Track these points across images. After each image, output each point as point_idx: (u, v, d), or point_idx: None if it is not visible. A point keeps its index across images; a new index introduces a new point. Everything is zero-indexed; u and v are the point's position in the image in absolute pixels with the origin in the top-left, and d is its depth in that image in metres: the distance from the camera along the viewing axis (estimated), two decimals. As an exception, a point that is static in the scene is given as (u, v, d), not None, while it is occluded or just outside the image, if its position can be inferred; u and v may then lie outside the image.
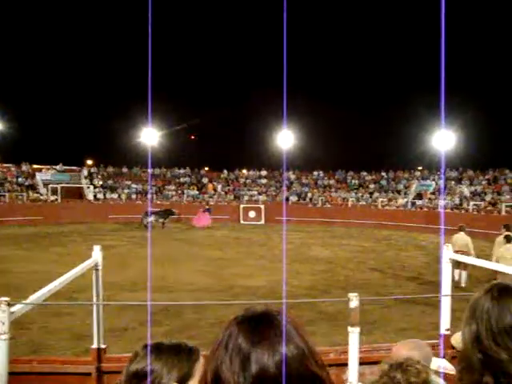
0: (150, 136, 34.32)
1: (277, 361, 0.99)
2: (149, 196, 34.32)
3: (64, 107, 41.68)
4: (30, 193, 32.13)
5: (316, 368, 1.04)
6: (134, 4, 30.78)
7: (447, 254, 4.57)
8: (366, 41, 42.33)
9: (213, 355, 1.06)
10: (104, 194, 34.45)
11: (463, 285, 12.61)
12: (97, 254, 3.97)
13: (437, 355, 4.43)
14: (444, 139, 30.12)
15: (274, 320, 1.05)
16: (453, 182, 32.45)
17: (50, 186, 32.74)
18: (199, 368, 1.48)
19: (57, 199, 32.10)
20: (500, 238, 11.98)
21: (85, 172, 35.92)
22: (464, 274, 12.72)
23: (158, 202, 32.79)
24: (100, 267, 3.96)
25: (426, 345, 2.53)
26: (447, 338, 4.42)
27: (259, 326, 1.04)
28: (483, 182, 31.75)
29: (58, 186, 32.64)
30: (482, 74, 37.80)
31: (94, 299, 3.91)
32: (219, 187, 36.61)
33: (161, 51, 35.33)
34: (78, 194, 34.02)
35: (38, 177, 33.63)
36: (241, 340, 1.02)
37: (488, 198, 29.86)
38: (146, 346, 1.50)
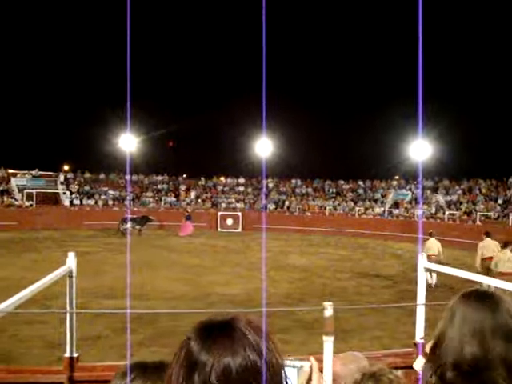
0: (127, 142, 34.08)
1: (218, 372, 0.94)
2: (127, 202, 34.05)
3: (41, 111, 41.18)
4: (5, 198, 31.61)
5: (270, 378, 0.98)
6: (112, 10, 30.61)
7: (422, 262, 4.61)
8: (344, 50, 42.73)
9: (170, 364, 1.03)
10: (80, 200, 34.06)
11: (433, 284, 13.15)
12: (71, 260, 3.91)
13: (412, 364, 4.46)
14: (421, 149, 30.50)
15: (231, 329, 1.00)
16: (429, 192, 32.85)
17: (26, 191, 32.25)
18: None
19: (31, 205, 31.61)
20: (482, 243, 12.99)
21: (61, 177, 35.47)
22: (434, 274, 13.19)
23: (136, 209, 32.54)
24: (74, 274, 3.90)
25: (364, 358, 2.55)
26: (422, 346, 4.45)
27: (213, 333, 1.01)
28: (458, 192, 32.22)
29: (34, 192, 32.15)
30: (459, 84, 38.45)
31: (68, 307, 3.85)
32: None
33: (140, 57, 35.19)
34: (54, 199, 33.56)
35: (13, 182, 33.08)
36: (192, 345, 0.99)
37: (463, 207, 30.30)
38: (132, 368, 1.44)
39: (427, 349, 4.43)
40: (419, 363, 3.82)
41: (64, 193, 33.94)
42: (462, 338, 1.18)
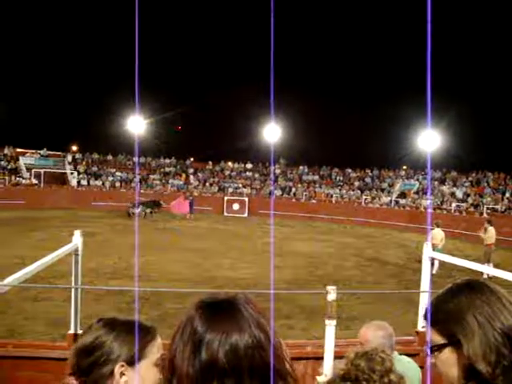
0: (136, 124, 34.08)
1: (226, 349, 0.96)
2: (136, 185, 34.16)
3: (51, 91, 41.19)
4: (13, 177, 31.77)
5: (273, 360, 0.99)
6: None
7: (427, 251, 4.61)
8: (356, 38, 42.38)
9: (172, 341, 1.04)
10: (88, 181, 34.19)
11: (434, 272, 13.30)
12: (77, 239, 3.93)
13: (413, 352, 4.48)
14: (429, 140, 30.34)
15: (235, 307, 1.02)
16: (436, 183, 32.73)
17: (34, 170, 32.41)
18: (154, 350, 1.38)
19: (38, 184, 31.77)
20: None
21: (69, 158, 35.62)
22: (436, 262, 13.32)
23: (142, 191, 32.64)
24: (80, 252, 3.92)
25: (390, 327, 2.69)
26: (423, 334, 4.46)
27: (217, 311, 1.01)
28: (466, 184, 32.07)
29: (42, 171, 32.32)
30: (468, 76, 38.11)
31: (73, 283, 3.88)
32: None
33: (151, 40, 35.08)
34: (62, 179, 33.73)
35: (22, 161, 33.24)
36: (196, 324, 0.99)
37: (470, 199, 30.19)
38: (100, 320, 1.42)
39: (428, 337, 4.45)
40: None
41: (72, 173, 34.09)
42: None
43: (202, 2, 43.16)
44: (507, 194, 29.49)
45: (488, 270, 5.44)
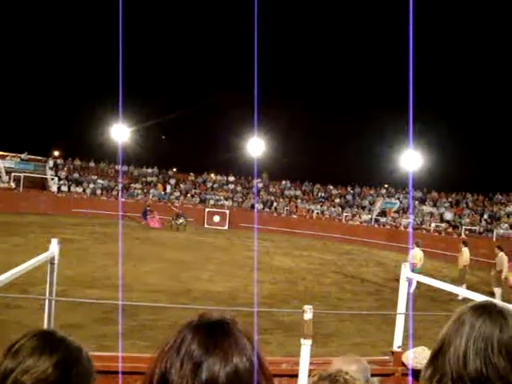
0: (119, 132, 33.92)
1: (228, 371, 0.95)
2: (117, 192, 33.92)
3: (35, 95, 40.85)
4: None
5: (264, 381, 1.02)
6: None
7: (405, 272, 4.63)
8: (341, 57, 42.86)
9: (162, 357, 1.03)
10: (68, 187, 33.85)
11: (411, 291, 13.31)
12: (54, 246, 3.87)
13: (389, 372, 4.48)
14: (411, 159, 30.69)
15: (230, 329, 1.02)
16: (416, 202, 33.04)
17: (13, 174, 32.00)
18: None
19: (17, 188, 31.35)
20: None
21: (50, 163, 35.25)
22: (414, 281, 13.40)
23: (123, 200, 32.43)
24: (56, 261, 3.86)
25: (365, 361, 2.60)
26: (399, 355, 4.47)
27: (214, 333, 1.02)
28: (446, 204, 32.43)
29: (21, 175, 31.91)
30: (451, 99, 38.72)
31: (47, 294, 3.82)
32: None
33: (136, 49, 35.11)
34: (42, 184, 33.34)
35: (1, 164, 32.78)
36: (194, 346, 1.00)
37: (449, 220, 30.52)
38: (36, 332, 1.21)
39: (403, 358, 4.45)
40: (407, 357, 3.83)
41: (52, 178, 33.73)
42: (467, 351, 1.18)
43: (187, 14, 43.33)
44: (485, 216, 29.88)
45: (462, 291, 5.50)
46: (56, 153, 39.19)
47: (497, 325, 1.18)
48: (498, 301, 1.34)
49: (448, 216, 30.87)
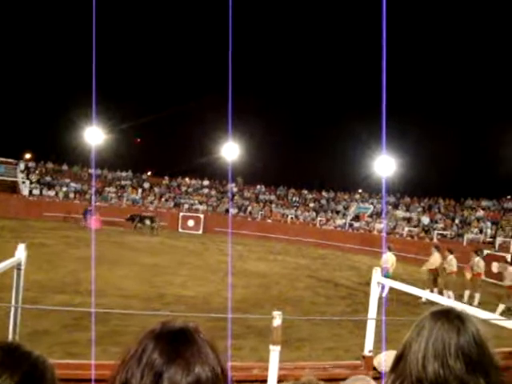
0: (93, 135, 33.53)
1: (190, 381, 0.95)
2: (90, 196, 33.51)
3: (5, 96, 40.12)
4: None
5: None
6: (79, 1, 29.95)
7: (376, 277, 4.67)
8: (315, 62, 43.15)
9: (123, 366, 1.01)
10: (40, 191, 33.32)
11: (384, 295, 13.42)
12: (21, 252, 3.80)
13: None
14: (385, 165, 31.03)
15: (192, 338, 1.02)
16: (390, 207, 33.40)
17: (-18, 177, 31.42)
18: None
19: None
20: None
21: (22, 166, 34.66)
22: (386, 287, 13.56)
23: (97, 204, 32.05)
24: (23, 267, 3.79)
25: (372, 381, 2.53)
26: (370, 359, 4.50)
27: (176, 342, 1.00)
28: (418, 209, 32.85)
29: (-10, 178, 31.36)
30: (422, 103, 39.31)
31: (13, 301, 3.74)
32: (139, 191, 36.10)
33: (110, 52, 34.81)
34: (12, 188, 32.74)
35: (-31, 166, 32.18)
36: (155, 356, 0.98)
37: (422, 224, 30.91)
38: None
39: (375, 362, 4.48)
40: (379, 361, 3.85)
41: (23, 182, 33.16)
42: (425, 354, 1.20)
43: (162, 16, 43.16)
44: (456, 221, 30.34)
45: (428, 295, 5.58)
46: (27, 155, 38.54)
47: (454, 329, 1.21)
48: (460, 306, 1.37)
49: (425, 221, 31.25)
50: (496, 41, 35.15)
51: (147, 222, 28.62)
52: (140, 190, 36.23)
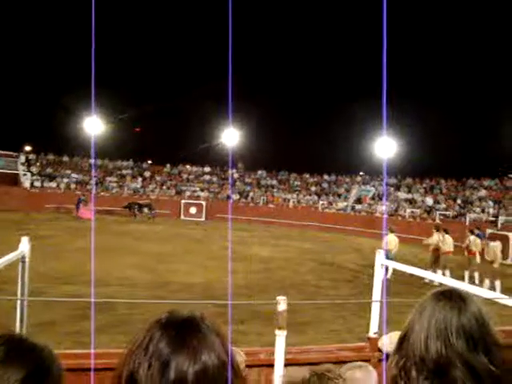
0: (93, 125, 33.45)
1: (197, 369, 0.96)
2: (93, 187, 33.53)
3: (5, 88, 40.01)
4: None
5: (235, 379, 1.02)
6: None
7: (380, 258, 4.68)
8: (314, 46, 42.91)
9: (130, 356, 1.02)
10: (41, 182, 33.34)
11: (388, 277, 13.47)
12: (24, 245, 3.81)
13: (365, 358, 4.54)
14: (386, 146, 30.94)
15: (199, 326, 1.02)
16: (392, 189, 33.38)
17: (-17, 170, 31.41)
18: None
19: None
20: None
21: (22, 158, 34.64)
22: (390, 268, 13.61)
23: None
24: (27, 259, 3.80)
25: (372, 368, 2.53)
26: (375, 340, 4.52)
27: (183, 331, 1.01)
28: (420, 190, 32.83)
29: (-9, 171, 31.35)
30: (423, 83, 39.09)
31: (19, 294, 3.76)
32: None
33: (110, 41, 34.58)
34: (14, 180, 32.75)
35: (-30, 160, 32.16)
36: (162, 345, 0.99)
37: (425, 205, 30.92)
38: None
39: (379, 343, 4.50)
40: (383, 342, 3.88)
41: (24, 174, 33.16)
42: (428, 334, 1.22)
43: (162, 5, 42.87)
44: (458, 201, 30.34)
45: (433, 276, 5.60)
46: (28, 148, 38.49)
47: (456, 308, 1.23)
48: (463, 286, 1.38)
49: (429, 202, 31.25)
50: (493, 21, 34.90)
51: (145, 210, 28.83)
52: (140, 179, 36.24)
